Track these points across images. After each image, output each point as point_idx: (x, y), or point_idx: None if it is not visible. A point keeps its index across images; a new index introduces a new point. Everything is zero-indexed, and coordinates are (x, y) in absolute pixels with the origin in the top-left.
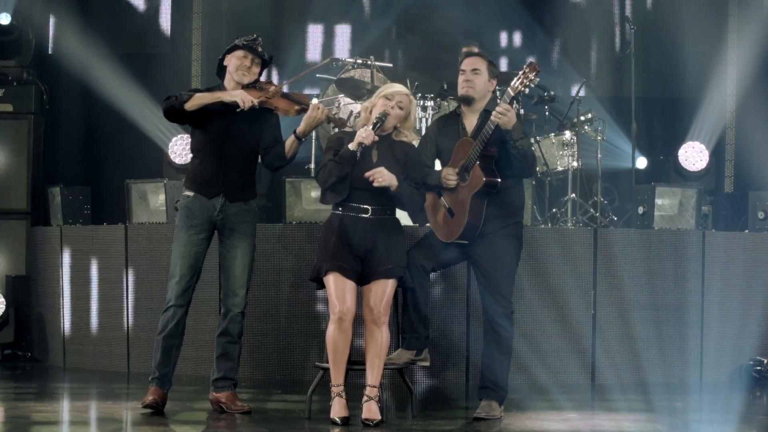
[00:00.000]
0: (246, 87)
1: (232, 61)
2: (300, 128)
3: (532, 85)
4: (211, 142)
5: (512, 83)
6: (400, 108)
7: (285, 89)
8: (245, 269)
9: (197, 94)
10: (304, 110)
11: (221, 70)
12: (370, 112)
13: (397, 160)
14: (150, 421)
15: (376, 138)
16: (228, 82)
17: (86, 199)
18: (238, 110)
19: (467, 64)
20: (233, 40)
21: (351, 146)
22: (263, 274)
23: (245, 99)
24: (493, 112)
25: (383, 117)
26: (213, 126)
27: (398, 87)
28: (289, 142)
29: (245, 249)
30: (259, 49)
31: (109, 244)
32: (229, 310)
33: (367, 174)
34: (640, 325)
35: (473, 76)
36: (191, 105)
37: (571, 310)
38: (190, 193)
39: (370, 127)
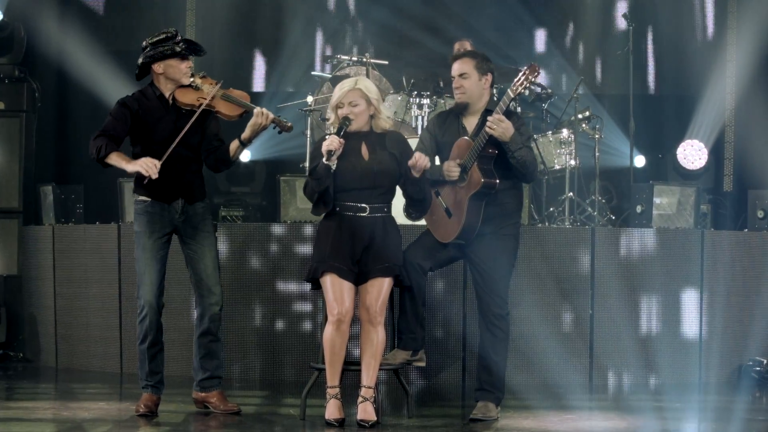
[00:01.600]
0: (182, 87)
1: (170, 65)
2: (245, 135)
3: (533, 87)
4: (159, 148)
5: (512, 86)
6: (355, 105)
7: (221, 87)
8: (216, 266)
9: (112, 155)
10: (247, 113)
11: (142, 72)
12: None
13: (390, 155)
14: (142, 422)
15: (343, 141)
16: (163, 85)
17: (79, 198)
18: (145, 182)
19: (454, 69)
20: (152, 42)
21: (323, 160)
22: (257, 274)
23: (148, 167)
24: (487, 122)
25: (345, 122)
26: (158, 133)
27: (340, 91)
28: (234, 147)
29: (211, 246)
30: (195, 48)
31: (102, 243)
32: (207, 309)
33: (410, 163)
34: (638, 325)
35: (462, 81)
36: (108, 162)
37: (569, 310)
38: (147, 199)
39: (335, 133)
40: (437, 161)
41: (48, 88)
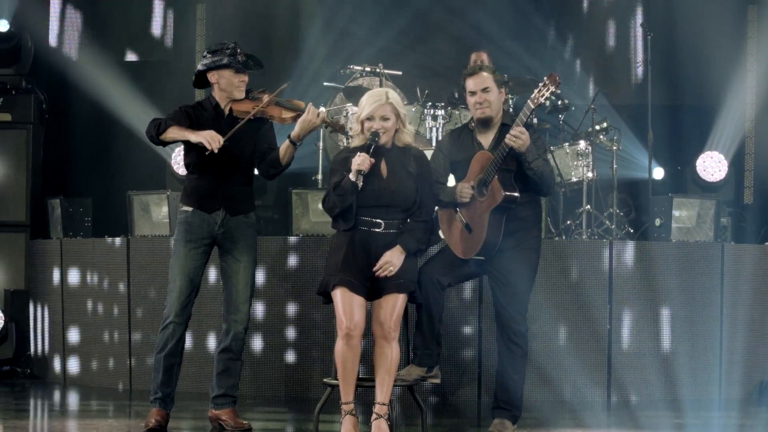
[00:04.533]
0: (238, 100)
1: (223, 76)
2: (294, 132)
3: (553, 98)
4: (208, 157)
5: (532, 96)
6: (386, 119)
7: (277, 97)
8: (248, 283)
9: (171, 128)
10: (299, 116)
11: (199, 80)
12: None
13: (408, 174)
14: None
15: (373, 160)
16: (218, 95)
17: (87, 211)
18: (207, 153)
19: (475, 84)
20: (211, 51)
21: (351, 176)
22: (270, 288)
23: (212, 140)
24: (507, 135)
25: (375, 137)
26: None
27: (373, 104)
28: (284, 147)
29: (248, 263)
30: (250, 63)
31: (111, 257)
32: (231, 326)
33: (377, 273)
34: (657, 340)
35: (486, 96)
36: (165, 137)
37: (587, 325)
38: (189, 209)
39: (364, 150)
40: (452, 180)
41: (56, 99)
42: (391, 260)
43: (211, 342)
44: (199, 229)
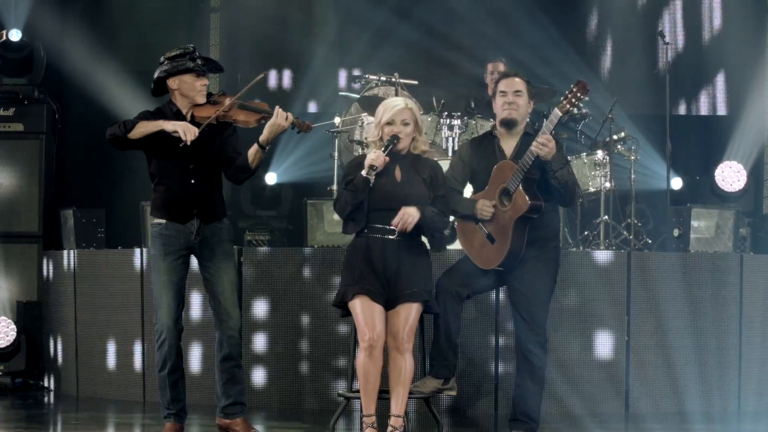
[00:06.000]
0: (200, 105)
1: (185, 81)
2: (263, 137)
3: (581, 105)
4: (174, 165)
5: (560, 104)
6: (406, 124)
7: (240, 100)
8: (234, 288)
9: (141, 122)
10: (265, 119)
11: (158, 88)
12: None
13: (422, 180)
14: None
15: (387, 159)
16: (179, 101)
17: (100, 222)
18: (180, 144)
19: (508, 85)
20: (168, 57)
21: (363, 172)
22: (285, 300)
23: (188, 131)
24: (534, 143)
25: (394, 140)
26: (172, 149)
27: (394, 108)
28: (253, 151)
29: (229, 268)
30: (211, 67)
31: (124, 268)
32: (226, 332)
33: (394, 225)
34: (675, 352)
35: (516, 98)
36: (135, 134)
37: (605, 337)
38: (162, 221)
39: (381, 150)
40: (469, 189)
41: (68, 109)
42: (407, 210)
43: (207, 351)
44: (176, 241)
